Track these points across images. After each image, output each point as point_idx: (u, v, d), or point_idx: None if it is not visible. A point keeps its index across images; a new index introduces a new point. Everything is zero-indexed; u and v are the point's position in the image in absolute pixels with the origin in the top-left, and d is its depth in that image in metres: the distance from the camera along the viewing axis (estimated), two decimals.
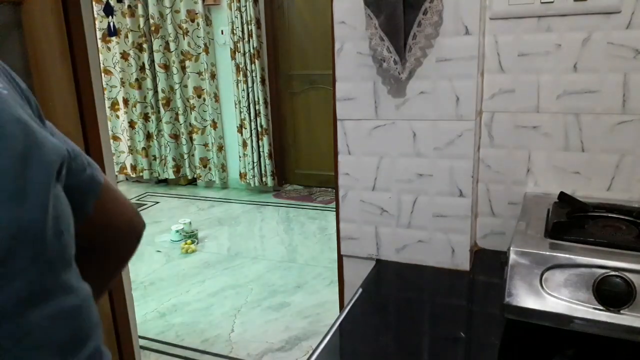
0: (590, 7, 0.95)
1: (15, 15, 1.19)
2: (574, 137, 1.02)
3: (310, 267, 3.12)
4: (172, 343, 2.56)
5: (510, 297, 0.75)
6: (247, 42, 4.51)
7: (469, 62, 0.99)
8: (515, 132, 1.06)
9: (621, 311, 0.69)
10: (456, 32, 0.99)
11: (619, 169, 1.00)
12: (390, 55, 0.99)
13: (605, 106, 0.98)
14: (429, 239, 1.11)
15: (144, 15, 4.82)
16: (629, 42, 0.94)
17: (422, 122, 1.05)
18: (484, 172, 1.10)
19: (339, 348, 0.91)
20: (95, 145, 1.42)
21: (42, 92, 1.24)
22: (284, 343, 2.51)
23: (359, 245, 1.18)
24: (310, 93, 4.69)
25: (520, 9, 0.99)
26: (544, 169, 1.05)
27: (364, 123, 1.10)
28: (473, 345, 0.88)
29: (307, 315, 2.74)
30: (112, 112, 5.21)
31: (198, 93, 4.88)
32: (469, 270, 1.09)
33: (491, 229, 1.13)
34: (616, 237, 0.80)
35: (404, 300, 1.04)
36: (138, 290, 3.04)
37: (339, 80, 1.10)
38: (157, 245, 3.79)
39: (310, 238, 3.76)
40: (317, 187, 4.85)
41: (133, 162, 5.33)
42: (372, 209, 1.14)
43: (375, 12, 0.97)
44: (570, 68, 0.99)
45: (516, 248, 0.77)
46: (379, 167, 1.11)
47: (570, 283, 0.73)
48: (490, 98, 1.06)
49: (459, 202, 1.06)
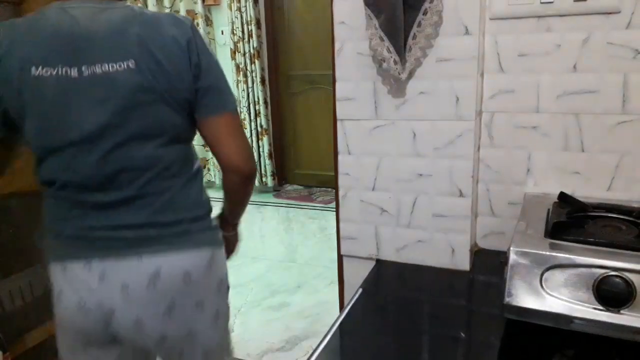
0: (590, 7, 0.95)
1: (15, 15, 1.19)
2: (574, 137, 1.02)
3: (310, 267, 3.12)
4: None
5: (510, 297, 0.75)
6: (247, 42, 4.50)
7: (469, 62, 0.99)
8: (515, 132, 1.06)
9: (621, 311, 0.69)
10: (456, 32, 0.99)
11: (618, 169, 1.00)
12: (390, 55, 0.99)
13: (605, 106, 0.98)
14: (429, 239, 1.11)
15: None
16: (628, 42, 0.94)
17: (422, 122, 1.05)
18: (484, 172, 1.10)
19: (339, 348, 0.91)
20: None
21: None
22: (284, 343, 2.51)
23: (359, 245, 1.18)
24: (310, 93, 4.69)
25: (520, 9, 0.99)
26: (543, 169, 1.05)
27: (364, 123, 1.10)
28: (473, 345, 0.88)
29: (307, 315, 2.74)
30: None
31: None
32: (469, 270, 1.09)
33: (491, 229, 1.13)
34: (616, 237, 0.80)
35: (404, 300, 1.04)
36: None
37: (339, 80, 1.10)
38: None
39: (310, 238, 3.76)
40: (317, 187, 4.85)
41: None
42: (372, 209, 1.14)
43: (375, 13, 0.97)
44: (570, 68, 0.99)
45: (516, 248, 0.77)
46: (379, 167, 1.11)
47: (570, 283, 0.73)
48: (490, 98, 1.06)
49: (459, 202, 1.06)
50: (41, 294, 1.32)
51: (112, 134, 0.94)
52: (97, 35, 0.91)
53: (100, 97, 0.92)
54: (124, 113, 0.93)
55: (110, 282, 0.98)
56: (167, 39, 0.94)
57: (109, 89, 0.92)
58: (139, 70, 0.92)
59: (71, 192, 0.98)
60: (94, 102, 0.92)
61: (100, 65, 0.91)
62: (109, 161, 0.95)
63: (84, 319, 1.00)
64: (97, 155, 0.94)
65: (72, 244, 1.00)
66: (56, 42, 0.91)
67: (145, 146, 0.97)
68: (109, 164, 0.95)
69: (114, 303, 0.99)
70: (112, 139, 0.94)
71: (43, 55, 0.91)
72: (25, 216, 1.29)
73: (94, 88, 0.91)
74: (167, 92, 0.95)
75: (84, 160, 0.95)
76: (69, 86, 0.91)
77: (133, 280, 0.98)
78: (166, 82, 0.94)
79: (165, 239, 1.00)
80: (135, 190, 0.98)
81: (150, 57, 0.92)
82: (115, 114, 0.93)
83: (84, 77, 0.91)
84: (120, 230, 0.98)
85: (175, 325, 1.03)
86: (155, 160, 0.98)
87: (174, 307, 1.01)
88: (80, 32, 0.91)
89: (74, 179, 0.97)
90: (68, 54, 0.91)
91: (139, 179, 0.98)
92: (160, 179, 0.99)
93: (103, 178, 0.96)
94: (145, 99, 0.93)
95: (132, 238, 0.99)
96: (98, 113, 0.92)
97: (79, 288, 0.99)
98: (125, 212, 0.98)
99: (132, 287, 0.98)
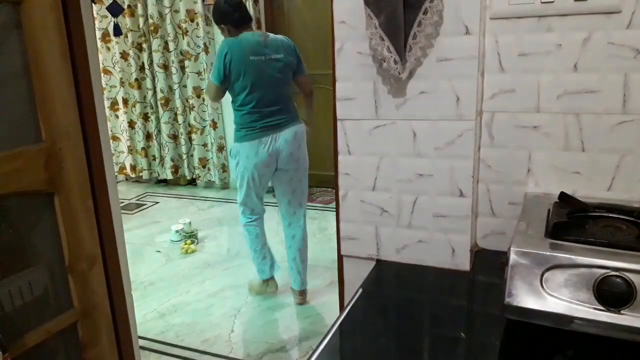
0: (590, 7, 0.95)
1: (15, 14, 1.19)
2: (574, 137, 1.02)
3: (310, 267, 3.12)
4: (172, 343, 2.56)
5: (510, 297, 0.75)
6: None
7: (469, 62, 0.99)
8: (515, 132, 1.06)
9: (621, 311, 0.69)
10: (456, 31, 0.99)
11: (619, 169, 1.00)
12: (390, 55, 0.99)
13: (605, 106, 0.98)
14: (429, 239, 1.11)
15: (143, 15, 4.82)
16: (629, 42, 0.94)
17: (422, 122, 1.05)
18: (484, 172, 1.10)
19: (339, 348, 0.91)
20: (94, 145, 1.42)
21: (42, 92, 1.23)
22: (284, 343, 2.51)
23: (359, 245, 1.18)
24: None
25: (521, 8, 0.99)
26: (544, 169, 1.05)
27: (364, 123, 1.10)
28: (473, 346, 0.88)
29: (307, 315, 2.74)
30: (111, 112, 5.20)
31: (197, 93, 4.88)
32: (469, 270, 1.09)
33: (491, 229, 1.13)
34: (616, 237, 0.80)
35: (404, 300, 1.04)
36: (138, 291, 3.04)
37: (339, 80, 1.10)
38: (157, 245, 3.79)
39: (310, 238, 3.74)
40: (317, 187, 4.84)
41: (132, 162, 5.33)
42: (372, 209, 1.14)
43: (376, 12, 0.97)
44: (570, 68, 0.99)
45: (516, 248, 0.77)
46: (379, 167, 1.11)
47: (570, 283, 0.73)
48: (490, 98, 1.06)
49: (459, 202, 1.06)
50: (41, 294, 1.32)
51: (278, 81, 2.56)
52: (268, 43, 2.54)
53: (274, 66, 2.54)
54: (280, 73, 2.56)
55: (279, 140, 2.58)
56: (288, 43, 2.62)
57: (275, 63, 2.54)
58: (283, 57, 2.56)
59: (259, 107, 2.55)
60: (270, 68, 2.53)
61: (272, 55, 2.53)
62: (275, 93, 2.56)
63: (268, 157, 2.58)
64: (272, 89, 2.54)
65: (261, 130, 2.55)
66: (255, 46, 2.50)
67: (284, 87, 2.60)
68: (275, 94, 2.56)
69: (280, 148, 2.58)
70: (277, 83, 2.56)
71: (253, 51, 2.49)
72: (25, 216, 1.29)
73: (271, 63, 2.53)
74: (290, 65, 2.60)
75: (266, 92, 2.53)
76: (263, 63, 2.51)
77: (287, 137, 2.59)
78: (289, 61, 2.59)
79: (290, 123, 2.62)
80: (280, 105, 2.58)
81: (285, 51, 2.58)
82: (279, 73, 2.55)
83: (267, 59, 2.52)
84: (278, 121, 2.58)
85: (301, 152, 2.68)
86: (286, 94, 2.63)
87: (299, 147, 2.66)
88: (262, 41, 2.53)
89: (262, 100, 2.54)
90: (260, 50, 2.50)
91: (281, 101, 2.59)
92: (285, 101, 2.62)
93: (272, 101, 2.55)
94: (286, 69, 2.59)
95: (283, 123, 2.59)
96: (272, 72, 2.53)
97: (268, 145, 2.57)
98: (278, 114, 2.57)
99: (288, 139, 2.59)
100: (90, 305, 1.43)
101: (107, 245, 1.49)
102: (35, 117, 1.24)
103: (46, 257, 1.34)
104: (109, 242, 1.49)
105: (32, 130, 1.25)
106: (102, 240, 1.46)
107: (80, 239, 1.38)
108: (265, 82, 2.50)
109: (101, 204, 1.45)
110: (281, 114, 2.56)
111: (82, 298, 1.40)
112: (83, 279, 1.40)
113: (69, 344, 1.41)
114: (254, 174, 2.61)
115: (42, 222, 1.32)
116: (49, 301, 1.35)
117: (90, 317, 1.44)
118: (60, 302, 1.37)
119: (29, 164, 1.23)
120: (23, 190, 1.23)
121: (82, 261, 1.39)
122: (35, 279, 1.32)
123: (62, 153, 1.30)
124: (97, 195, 1.43)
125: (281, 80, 2.55)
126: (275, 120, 2.55)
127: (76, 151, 1.35)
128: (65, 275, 1.36)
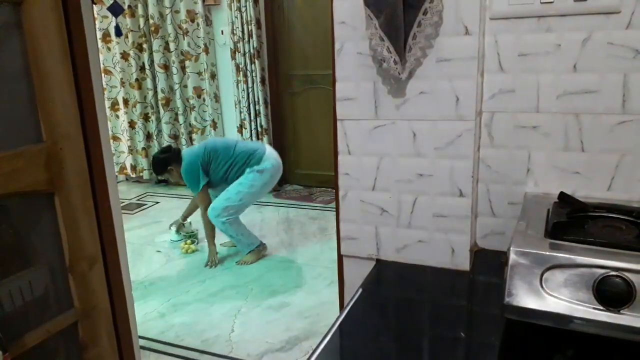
0: (590, 7, 0.95)
1: (15, 15, 1.19)
2: (574, 137, 1.02)
3: (310, 267, 3.12)
4: (172, 343, 2.56)
5: (510, 297, 0.75)
6: (247, 42, 4.51)
7: (469, 62, 0.99)
8: (515, 132, 1.06)
9: (621, 311, 0.69)
10: (456, 32, 0.99)
11: (619, 169, 1.00)
12: (390, 55, 0.99)
13: (605, 106, 0.98)
14: (429, 239, 1.11)
15: (144, 15, 4.82)
16: (628, 42, 0.94)
17: (422, 122, 1.05)
18: (484, 172, 1.10)
19: (339, 348, 0.91)
20: (95, 145, 1.42)
21: (42, 92, 1.24)
22: (284, 343, 2.51)
23: (359, 245, 1.18)
24: (310, 93, 4.69)
25: (520, 9, 0.99)
26: (544, 169, 1.05)
27: (364, 123, 1.10)
28: (473, 345, 0.88)
29: (307, 315, 2.74)
30: (112, 112, 5.20)
31: (198, 93, 4.88)
32: (469, 270, 1.09)
33: (491, 229, 1.13)
34: (616, 237, 0.80)
35: (404, 300, 1.04)
36: (138, 290, 3.04)
37: (339, 80, 1.10)
38: (157, 245, 3.79)
39: (310, 238, 3.76)
40: (317, 187, 4.85)
41: (133, 162, 5.33)
42: (372, 209, 1.14)
43: (375, 13, 0.97)
44: (570, 68, 0.99)
45: (516, 248, 0.77)
46: (379, 167, 1.11)
47: (570, 283, 0.73)
48: (490, 98, 1.06)
49: (459, 202, 1.06)
50: (41, 294, 1.32)
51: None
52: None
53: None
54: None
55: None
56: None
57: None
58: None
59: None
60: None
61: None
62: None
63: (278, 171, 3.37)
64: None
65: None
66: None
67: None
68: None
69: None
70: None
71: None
72: (25, 216, 1.29)
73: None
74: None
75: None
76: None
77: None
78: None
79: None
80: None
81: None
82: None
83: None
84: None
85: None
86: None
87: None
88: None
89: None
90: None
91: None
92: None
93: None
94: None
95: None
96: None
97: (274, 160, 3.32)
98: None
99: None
100: (90, 305, 1.43)
101: (108, 245, 1.49)
102: (36, 117, 1.24)
103: (46, 257, 1.35)
104: (109, 242, 1.49)
105: (32, 130, 1.25)
106: (102, 240, 1.46)
107: (81, 239, 1.38)
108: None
109: (101, 204, 1.45)
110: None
111: (83, 298, 1.40)
112: (83, 279, 1.40)
113: (69, 344, 1.42)
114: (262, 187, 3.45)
115: (42, 222, 1.32)
116: (49, 301, 1.35)
117: (91, 317, 1.44)
118: (60, 302, 1.37)
119: (30, 164, 1.23)
120: (23, 190, 1.23)
121: (82, 261, 1.39)
122: (36, 279, 1.32)
123: (62, 153, 1.30)
124: (97, 195, 1.43)
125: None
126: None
127: (76, 151, 1.35)
128: (66, 275, 1.36)
